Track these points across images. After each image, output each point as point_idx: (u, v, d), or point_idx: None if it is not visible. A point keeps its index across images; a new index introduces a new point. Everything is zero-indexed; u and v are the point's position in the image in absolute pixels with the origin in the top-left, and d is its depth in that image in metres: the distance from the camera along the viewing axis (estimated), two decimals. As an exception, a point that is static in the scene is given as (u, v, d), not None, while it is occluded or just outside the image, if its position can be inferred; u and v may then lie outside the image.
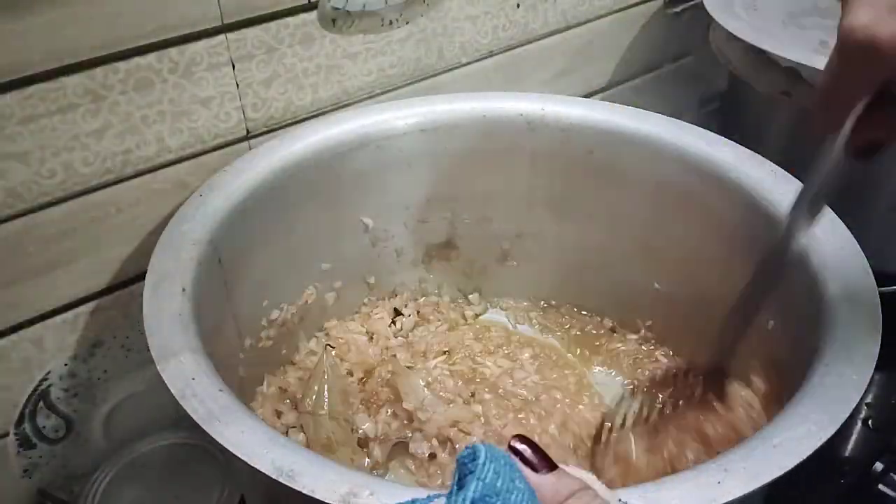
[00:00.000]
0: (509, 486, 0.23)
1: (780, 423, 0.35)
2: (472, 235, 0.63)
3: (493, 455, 0.23)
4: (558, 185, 0.60)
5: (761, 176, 0.50)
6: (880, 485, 0.54)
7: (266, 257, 0.53)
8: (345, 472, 0.32)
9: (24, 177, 0.47)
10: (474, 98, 0.59)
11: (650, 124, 0.56)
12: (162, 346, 0.39)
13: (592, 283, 0.63)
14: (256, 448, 0.33)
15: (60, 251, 0.50)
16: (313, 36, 0.55)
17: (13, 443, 0.53)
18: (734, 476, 0.32)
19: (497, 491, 0.22)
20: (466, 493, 0.22)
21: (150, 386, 0.57)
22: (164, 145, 0.52)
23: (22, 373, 0.52)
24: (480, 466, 0.23)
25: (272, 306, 0.55)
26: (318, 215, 0.56)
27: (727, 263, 0.52)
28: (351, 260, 0.60)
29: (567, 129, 0.57)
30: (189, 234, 0.46)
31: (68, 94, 0.46)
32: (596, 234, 0.60)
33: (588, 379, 0.58)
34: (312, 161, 0.54)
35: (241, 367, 0.51)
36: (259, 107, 0.55)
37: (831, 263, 0.43)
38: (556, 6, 0.69)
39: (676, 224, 0.56)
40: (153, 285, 0.43)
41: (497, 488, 0.22)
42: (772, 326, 0.47)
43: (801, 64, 0.59)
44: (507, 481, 0.23)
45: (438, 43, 0.63)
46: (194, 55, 0.50)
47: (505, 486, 0.23)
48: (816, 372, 0.37)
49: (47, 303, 0.51)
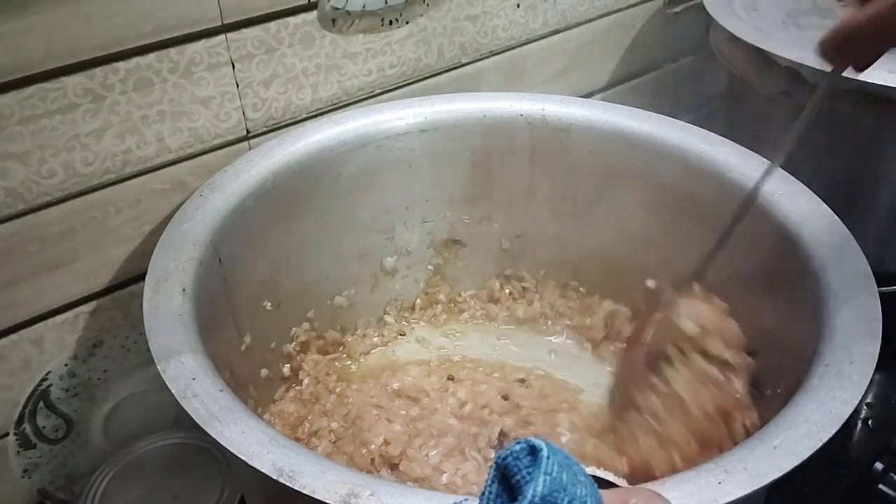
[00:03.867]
0: (574, 479, 0.21)
1: (780, 423, 0.35)
2: (473, 235, 0.63)
3: (554, 449, 0.21)
4: (558, 185, 0.60)
5: (761, 176, 0.50)
6: (880, 485, 0.54)
7: (266, 257, 0.53)
8: (345, 472, 0.32)
9: (24, 177, 0.47)
10: (474, 98, 0.59)
11: (650, 124, 0.56)
12: (162, 346, 0.39)
13: (592, 282, 0.63)
14: (256, 448, 0.33)
15: (60, 251, 0.50)
16: (313, 36, 0.55)
17: (13, 443, 0.53)
18: (734, 476, 0.32)
19: (563, 485, 0.21)
20: (536, 487, 0.20)
21: (150, 386, 0.57)
22: (164, 145, 0.52)
23: (22, 373, 0.52)
24: (545, 460, 0.21)
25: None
26: (318, 215, 0.56)
27: (727, 263, 0.52)
28: (350, 260, 0.60)
29: (567, 129, 0.57)
30: (189, 234, 0.46)
31: (68, 94, 0.46)
32: (596, 234, 0.60)
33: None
34: (312, 161, 0.54)
35: (241, 366, 0.51)
36: (259, 107, 0.55)
37: (831, 263, 0.43)
38: (555, 6, 0.69)
39: (676, 224, 0.56)
40: (153, 285, 0.43)
41: (563, 482, 0.21)
42: (772, 326, 0.47)
43: (801, 64, 0.59)
44: (571, 475, 0.21)
45: (438, 43, 0.63)
46: (194, 55, 0.50)
47: (570, 480, 0.21)
48: (816, 372, 0.37)
49: (47, 303, 0.51)
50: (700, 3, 0.69)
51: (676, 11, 0.79)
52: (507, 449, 0.22)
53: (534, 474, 0.21)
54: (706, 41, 0.72)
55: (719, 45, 0.70)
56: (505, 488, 0.21)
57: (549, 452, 0.21)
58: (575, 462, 0.22)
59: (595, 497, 0.21)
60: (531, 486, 0.20)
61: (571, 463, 0.22)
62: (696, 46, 0.81)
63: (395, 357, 0.62)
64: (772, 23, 0.67)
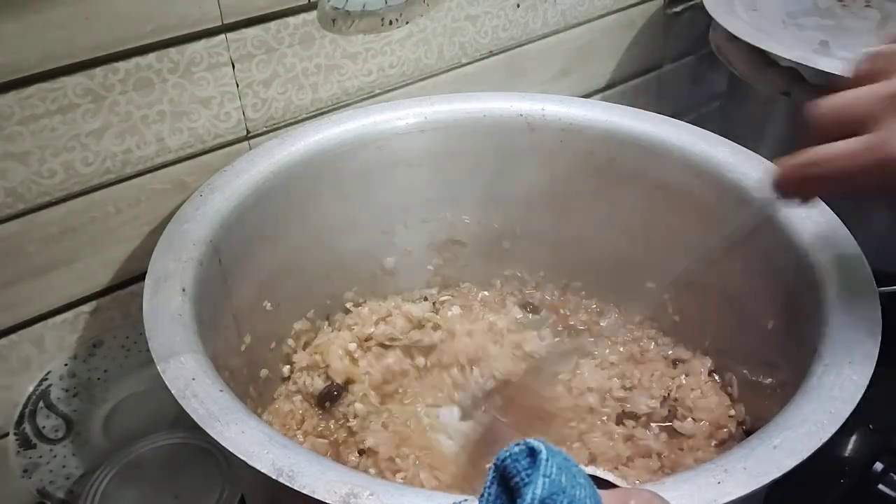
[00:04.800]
0: (573, 482, 0.21)
1: (779, 423, 0.35)
2: (473, 235, 0.63)
3: (553, 451, 0.21)
4: (558, 185, 0.60)
5: (761, 176, 0.50)
6: (880, 485, 0.54)
7: (266, 257, 0.53)
8: (345, 472, 0.32)
9: (24, 177, 0.47)
10: (474, 98, 0.59)
11: (650, 124, 0.56)
12: (162, 346, 0.39)
13: (592, 283, 0.63)
14: (256, 448, 0.33)
15: (60, 251, 0.50)
16: (313, 36, 0.55)
17: (13, 443, 0.53)
18: (734, 476, 0.32)
19: (563, 488, 0.21)
20: (535, 490, 0.20)
21: (150, 386, 0.57)
22: (164, 145, 0.52)
23: (22, 373, 0.52)
24: (544, 462, 0.21)
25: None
26: (318, 215, 0.56)
27: (727, 263, 0.52)
28: (350, 260, 0.60)
29: (567, 129, 0.57)
30: (189, 234, 0.46)
31: (68, 94, 0.46)
32: (596, 234, 0.60)
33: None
34: (312, 161, 0.54)
35: (241, 366, 0.51)
36: (259, 107, 0.55)
37: (831, 263, 0.43)
38: (555, 6, 0.69)
39: (676, 224, 0.56)
40: (153, 285, 0.43)
41: (562, 485, 0.21)
42: (772, 326, 0.48)
43: (801, 64, 0.59)
44: (570, 477, 0.21)
45: (438, 43, 0.63)
46: (194, 55, 0.50)
47: (569, 482, 0.21)
48: (816, 372, 0.37)
49: (47, 303, 0.51)
50: (700, 3, 0.69)
51: (676, 11, 0.79)
52: (506, 450, 0.22)
53: (532, 476, 0.21)
54: (706, 41, 0.72)
55: (719, 45, 0.70)
56: (504, 490, 0.21)
57: (548, 454, 0.21)
58: (574, 464, 0.22)
59: (594, 499, 0.21)
60: (530, 489, 0.21)
61: (570, 465, 0.22)
62: (696, 46, 0.81)
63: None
64: (772, 23, 0.67)
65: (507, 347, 0.57)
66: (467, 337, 0.57)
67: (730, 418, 0.52)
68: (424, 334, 0.58)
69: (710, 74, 0.81)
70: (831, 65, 0.58)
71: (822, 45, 0.63)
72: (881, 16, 0.69)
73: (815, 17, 0.69)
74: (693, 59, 0.84)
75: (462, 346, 0.56)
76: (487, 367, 0.55)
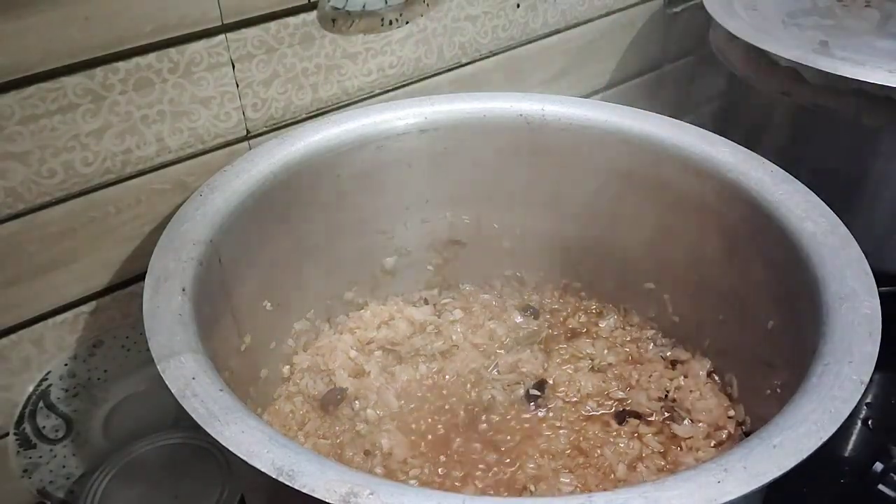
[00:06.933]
0: None
1: (779, 423, 0.35)
2: (473, 235, 0.63)
3: None
4: (558, 185, 0.60)
5: (761, 176, 0.50)
6: (880, 485, 0.54)
7: (266, 257, 0.53)
8: (345, 472, 0.32)
9: (24, 177, 0.47)
10: (474, 98, 0.59)
11: (650, 124, 0.56)
12: (162, 346, 0.39)
13: (592, 283, 0.63)
14: (256, 448, 0.33)
15: (60, 251, 0.50)
16: (313, 36, 0.55)
17: (13, 443, 0.53)
18: (734, 476, 0.32)
19: None
20: None
21: (150, 386, 0.57)
22: (164, 145, 0.52)
23: (22, 373, 0.52)
24: None
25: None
26: (318, 215, 0.56)
27: (727, 263, 0.52)
28: (350, 260, 0.60)
29: (567, 129, 0.57)
30: (189, 234, 0.46)
31: (68, 94, 0.46)
32: (596, 235, 0.60)
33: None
34: (312, 161, 0.54)
35: (240, 366, 0.51)
36: (259, 107, 0.55)
37: (831, 263, 0.43)
38: (555, 6, 0.69)
39: (676, 224, 0.56)
40: (153, 285, 0.43)
41: None
42: (772, 326, 0.48)
43: (801, 64, 0.59)
44: None
45: (438, 43, 0.63)
46: (194, 55, 0.50)
47: None
48: (816, 372, 0.37)
49: (47, 303, 0.51)
50: (700, 3, 0.69)
51: (676, 11, 0.79)
52: None
53: None
54: (706, 41, 0.72)
55: (719, 45, 0.70)
56: None
57: None
58: None
59: None
60: None
61: None
62: (696, 46, 0.81)
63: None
64: (772, 23, 0.67)
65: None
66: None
67: (729, 419, 0.52)
68: (426, 339, 0.59)
69: (710, 74, 0.81)
70: (831, 65, 0.58)
71: (822, 45, 0.63)
72: (881, 16, 0.69)
73: (815, 17, 0.69)
74: (693, 59, 0.84)
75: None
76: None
